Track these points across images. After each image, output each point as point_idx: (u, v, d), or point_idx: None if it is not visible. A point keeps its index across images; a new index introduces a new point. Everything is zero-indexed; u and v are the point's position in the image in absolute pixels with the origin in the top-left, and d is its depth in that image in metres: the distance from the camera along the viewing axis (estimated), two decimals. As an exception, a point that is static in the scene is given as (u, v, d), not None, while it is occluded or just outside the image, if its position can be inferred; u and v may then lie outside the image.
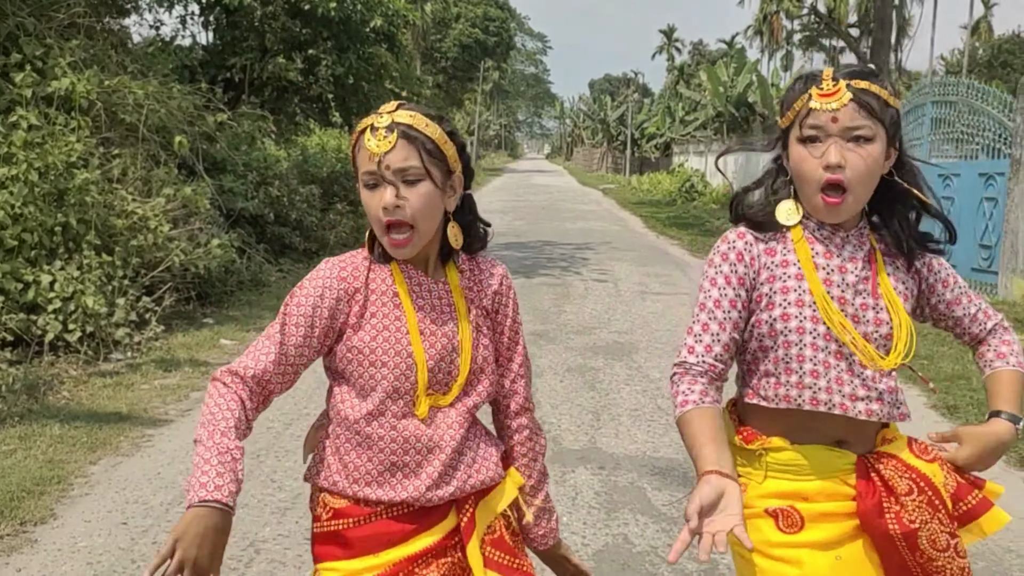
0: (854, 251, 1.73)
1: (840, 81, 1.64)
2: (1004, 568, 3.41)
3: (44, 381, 5.40)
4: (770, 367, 1.71)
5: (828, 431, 1.71)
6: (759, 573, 1.68)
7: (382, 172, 1.59)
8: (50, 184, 6.31)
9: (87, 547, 3.44)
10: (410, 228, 1.60)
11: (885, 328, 1.71)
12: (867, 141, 1.65)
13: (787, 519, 1.69)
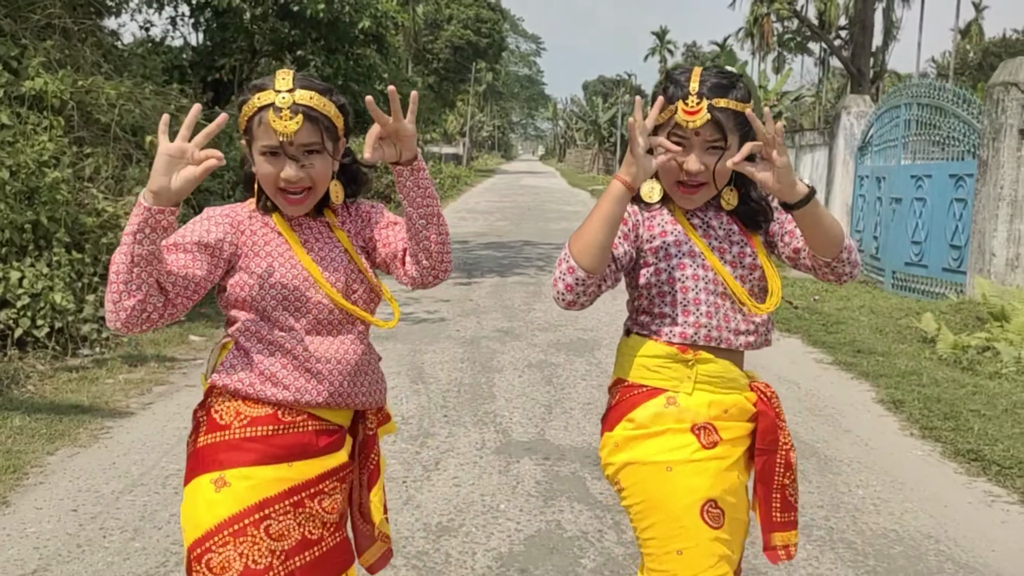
0: (717, 211, 1.96)
1: (703, 100, 1.82)
2: (920, 553, 3.53)
3: (9, 375, 5.50)
4: (667, 310, 1.91)
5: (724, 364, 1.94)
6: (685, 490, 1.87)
7: (286, 148, 1.78)
8: (21, 182, 6.40)
9: (36, 532, 3.55)
10: (308, 190, 1.80)
11: (759, 272, 1.93)
12: (721, 151, 1.86)
13: (708, 436, 1.89)
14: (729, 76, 1.89)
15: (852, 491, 4.17)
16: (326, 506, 1.83)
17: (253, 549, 1.74)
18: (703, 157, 1.85)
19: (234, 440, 1.79)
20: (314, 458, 1.83)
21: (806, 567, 3.37)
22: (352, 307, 1.85)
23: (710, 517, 1.85)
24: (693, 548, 1.84)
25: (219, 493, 1.75)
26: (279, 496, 1.78)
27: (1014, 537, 3.71)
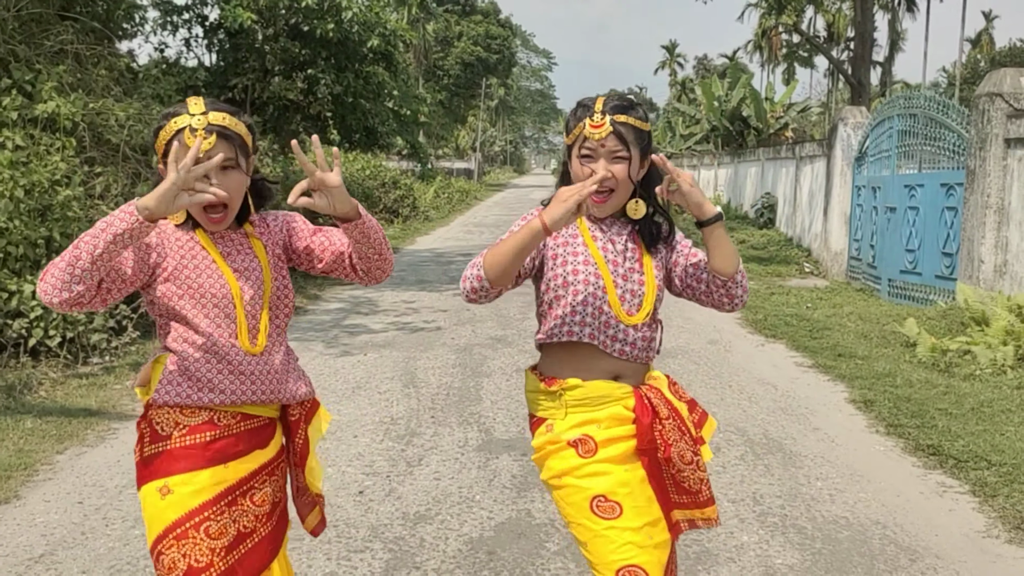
0: (620, 229, 2.22)
1: (606, 116, 2.11)
2: (866, 537, 3.76)
3: (22, 382, 5.82)
4: (559, 311, 2.16)
5: (605, 368, 2.17)
6: (575, 492, 2.12)
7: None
8: (35, 200, 6.75)
9: (44, 522, 3.84)
10: (224, 207, 2.01)
11: (640, 289, 2.18)
12: (624, 159, 2.12)
13: (584, 446, 2.13)
14: (628, 99, 2.19)
15: (811, 483, 4.40)
16: (257, 500, 2.07)
17: (195, 549, 1.97)
18: (609, 166, 2.12)
19: (175, 449, 2.00)
20: (247, 455, 2.06)
21: (755, 549, 3.61)
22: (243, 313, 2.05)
23: (601, 510, 2.09)
24: (593, 540, 2.09)
25: (164, 500, 1.99)
26: (216, 498, 2.00)
27: (957, 523, 3.93)
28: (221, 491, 2.01)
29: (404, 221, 21.69)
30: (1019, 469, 4.50)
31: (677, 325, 8.73)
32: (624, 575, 2.05)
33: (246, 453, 2.06)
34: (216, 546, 1.99)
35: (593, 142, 2.12)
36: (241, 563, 2.02)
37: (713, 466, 4.63)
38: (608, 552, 2.07)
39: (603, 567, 2.08)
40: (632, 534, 2.08)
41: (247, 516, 2.05)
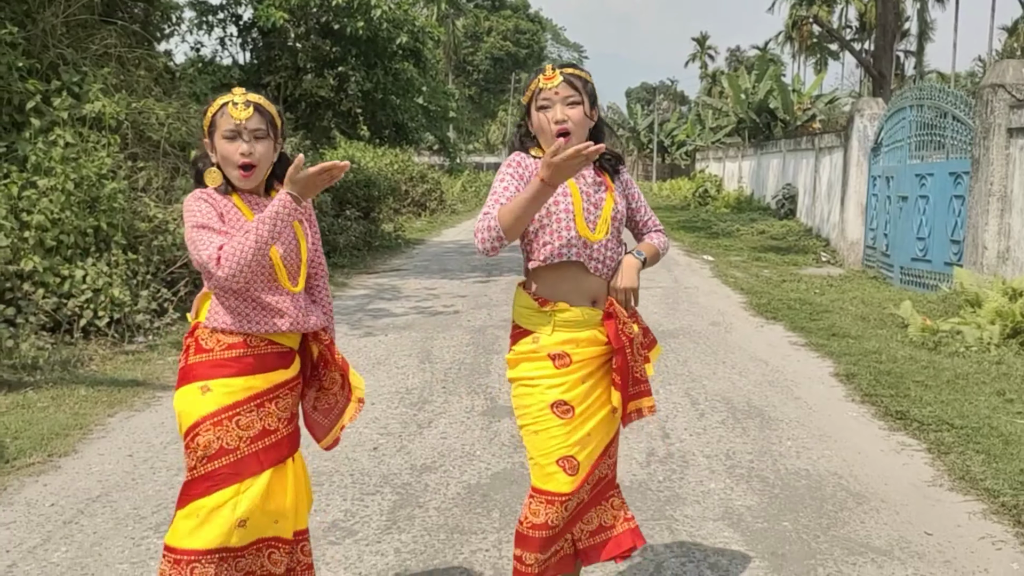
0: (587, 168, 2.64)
1: (556, 69, 2.59)
2: (821, 485, 4.20)
3: (75, 357, 6.43)
4: (547, 238, 2.61)
5: (587, 288, 2.63)
6: (540, 394, 2.62)
7: (240, 131, 2.46)
8: (84, 193, 7.35)
9: (99, 471, 4.40)
10: (254, 167, 2.50)
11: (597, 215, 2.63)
12: (577, 104, 2.58)
13: (561, 360, 2.63)
14: (571, 62, 2.68)
15: (782, 442, 4.84)
16: (280, 406, 2.55)
17: (227, 435, 2.47)
18: (565, 110, 2.57)
19: (215, 360, 2.50)
20: (272, 371, 2.54)
21: (720, 495, 4.07)
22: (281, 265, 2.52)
23: (559, 411, 2.59)
24: (544, 432, 2.59)
25: (204, 396, 2.48)
26: (247, 399, 2.49)
27: (908, 475, 4.35)
28: (251, 395, 2.50)
29: (431, 214, 22.25)
30: (978, 432, 4.89)
31: (684, 308, 9.16)
32: (562, 463, 2.57)
33: (272, 370, 2.54)
34: (244, 435, 2.48)
35: (548, 92, 2.56)
36: (264, 452, 2.51)
37: (695, 427, 5.10)
38: (552, 445, 2.58)
39: (543, 457, 2.59)
40: (574, 433, 2.59)
41: (271, 417, 2.53)
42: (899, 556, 3.46)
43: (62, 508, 3.92)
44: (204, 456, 2.46)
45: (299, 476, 2.64)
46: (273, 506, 2.54)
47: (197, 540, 2.43)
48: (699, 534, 3.65)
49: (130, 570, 3.33)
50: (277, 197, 2.37)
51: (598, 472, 2.71)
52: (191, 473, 2.48)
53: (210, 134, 2.51)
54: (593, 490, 2.72)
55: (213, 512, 2.45)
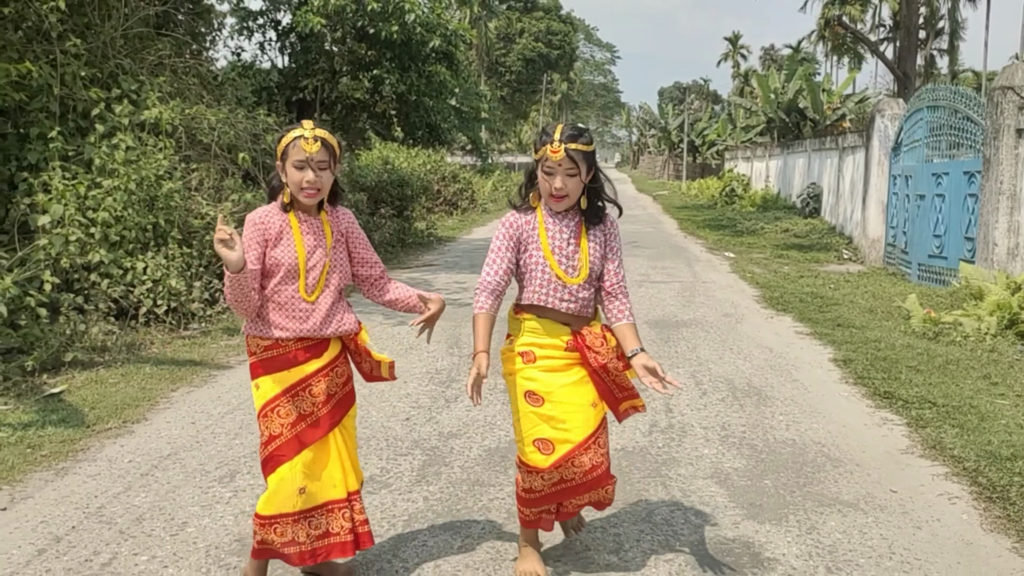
0: (568, 223, 3.21)
1: (561, 144, 3.09)
2: (804, 451, 4.70)
3: (138, 341, 7.10)
4: (527, 284, 3.21)
5: (559, 319, 3.20)
6: (515, 386, 3.21)
7: (309, 161, 2.98)
8: (143, 192, 8.04)
9: (167, 435, 5.03)
10: (318, 191, 3.05)
11: (576, 260, 3.19)
12: (574, 175, 3.13)
13: (527, 356, 3.19)
14: (578, 128, 3.18)
15: (775, 417, 5.34)
16: (315, 392, 3.04)
17: (272, 424, 3.02)
18: (564, 180, 3.11)
19: (259, 360, 3.06)
20: (304, 364, 3.04)
21: (711, 459, 4.59)
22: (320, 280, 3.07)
23: (530, 400, 3.16)
24: (521, 418, 3.18)
25: (257, 392, 3.06)
26: (282, 392, 3.02)
27: (884, 445, 4.84)
28: (285, 388, 3.03)
29: (463, 213, 22.86)
30: (958, 409, 5.35)
31: (699, 301, 9.65)
32: (537, 444, 3.12)
33: (304, 363, 3.05)
34: (285, 422, 3.02)
35: (552, 163, 3.11)
36: (303, 433, 3.03)
37: (696, 404, 5.61)
38: (528, 428, 3.15)
39: (522, 440, 3.17)
40: (547, 421, 3.12)
41: (306, 403, 3.03)
42: (863, 508, 3.96)
43: (138, 464, 4.54)
44: (264, 440, 3.05)
45: (342, 446, 3.13)
46: (323, 473, 3.06)
47: (271, 507, 3.02)
48: (689, 489, 4.17)
49: (200, 512, 3.93)
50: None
51: (588, 459, 3.14)
52: (262, 454, 3.07)
53: (282, 159, 3.00)
54: (586, 476, 3.17)
55: (279, 485, 3.02)
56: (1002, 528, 3.73)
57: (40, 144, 8.03)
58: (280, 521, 3.02)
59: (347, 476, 3.14)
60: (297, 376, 3.05)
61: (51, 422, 5.11)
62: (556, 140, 3.09)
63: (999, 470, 4.29)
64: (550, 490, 3.19)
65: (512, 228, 3.21)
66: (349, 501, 3.13)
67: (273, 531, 3.02)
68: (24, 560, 3.43)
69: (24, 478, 4.30)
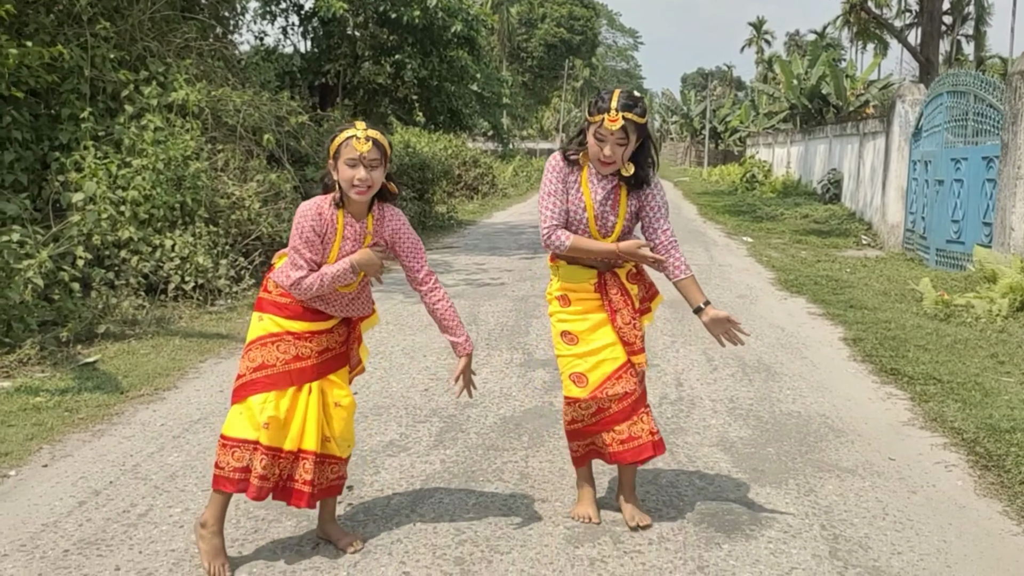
0: (607, 183, 3.37)
1: (619, 113, 3.22)
2: (808, 423, 4.85)
3: (167, 316, 7.35)
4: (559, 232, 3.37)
5: (588, 264, 3.42)
6: (554, 326, 3.49)
7: (361, 160, 3.05)
8: (171, 172, 8.27)
9: (197, 402, 5.27)
10: (368, 188, 3.10)
11: (613, 221, 3.36)
12: (624, 145, 3.27)
13: (563, 301, 3.46)
14: (634, 98, 3.29)
15: (782, 391, 5.50)
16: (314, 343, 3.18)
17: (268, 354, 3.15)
18: (614, 148, 3.25)
19: (272, 300, 3.21)
20: (310, 322, 3.18)
21: (718, 429, 4.76)
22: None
23: (566, 339, 3.41)
24: (559, 356, 3.44)
25: (259, 323, 3.22)
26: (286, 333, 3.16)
27: (887, 417, 4.98)
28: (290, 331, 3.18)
29: (483, 197, 23.04)
30: (962, 386, 5.48)
31: (715, 283, 9.78)
32: (573, 378, 3.38)
33: (311, 321, 3.20)
34: (281, 357, 3.15)
35: (605, 130, 3.23)
36: (295, 372, 3.15)
37: (706, 379, 5.78)
38: (565, 365, 3.41)
39: (563, 373, 3.43)
40: (580, 357, 3.38)
41: (304, 348, 3.18)
42: (861, 474, 4.11)
43: (171, 427, 4.78)
44: (252, 367, 3.18)
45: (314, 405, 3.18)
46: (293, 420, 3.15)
47: (234, 430, 3.15)
48: (695, 455, 4.35)
49: (229, 470, 4.15)
50: (342, 263, 3.12)
51: (620, 388, 3.37)
52: (240, 379, 3.20)
53: (334, 157, 3.10)
54: (620, 403, 3.40)
55: (248, 410, 3.14)
56: (995, 493, 3.88)
57: (71, 124, 8.29)
58: (240, 447, 3.13)
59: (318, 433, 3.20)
60: (302, 328, 3.20)
61: (87, 388, 5.36)
62: (613, 109, 3.19)
63: (997, 441, 4.43)
64: (590, 420, 3.45)
65: (560, 172, 3.38)
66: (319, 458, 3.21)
67: (231, 455, 3.13)
68: (66, 510, 3.66)
69: (63, 438, 4.54)
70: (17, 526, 3.50)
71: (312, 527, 3.48)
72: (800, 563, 3.21)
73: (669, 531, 3.48)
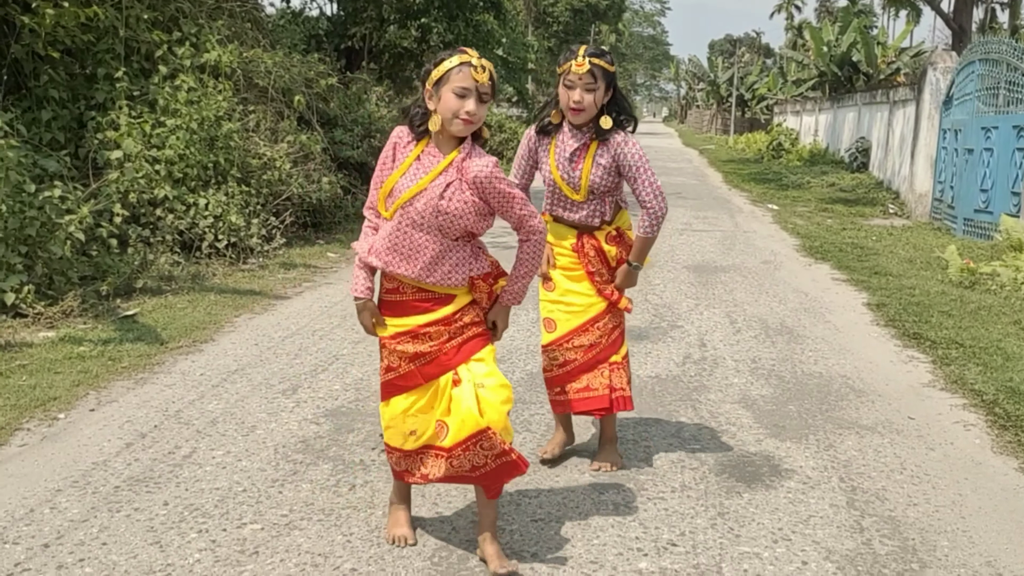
0: (578, 139, 3.50)
1: (586, 58, 3.34)
2: (829, 383, 4.94)
3: (202, 273, 7.54)
4: (545, 194, 3.55)
5: (566, 223, 3.60)
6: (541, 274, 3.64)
7: (476, 91, 2.75)
8: (205, 132, 8.41)
9: (234, 354, 5.44)
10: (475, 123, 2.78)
11: (576, 177, 3.49)
12: (593, 90, 3.39)
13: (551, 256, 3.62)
14: (602, 50, 3.45)
15: (804, 353, 5.58)
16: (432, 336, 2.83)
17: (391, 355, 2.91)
18: (583, 94, 3.38)
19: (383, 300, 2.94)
20: (419, 315, 2.85)
21: (740, 387, 4.87)
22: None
23: (545, 285, 3.72)
24: (541, 302, 3.71)
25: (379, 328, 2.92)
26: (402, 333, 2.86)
27: (908, 379, 5.06)
28: (404, 330, 2.88)
29: (508, 162, 23.07)
30: (984, 350, 5.54)
31: (739, 249, 9.83)
32: (545, 322, 3.69)
33: (420, 314, 2.86)
34: (404, 355, 2.87)
35: (574, 76, 3.37)
36: (420, 368, 2.85)
37: (730, 340, 5.87)
38: (543, 310, 3.70)
39: (540, 320, 3.69)
40: (554, 303, 3.64)
41: (424, 344, 2.85)
42: (880, 431, 4.21)
43: (209, 376, 4.95)
44: (382, 368, 2.96)
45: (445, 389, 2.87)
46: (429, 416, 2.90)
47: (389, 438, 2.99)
48: (717, 411, 4.46)
49: (267, 418, 4.32)
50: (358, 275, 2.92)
51: (586, 339, 3.59)
52: (382, 378, 2.98)
53: (437, 85, 2.77)
54: (586, 354, 3.62)
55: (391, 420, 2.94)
56: (1012, 451, 3.97)
57: (107, 84, 8.42)
58: (395, 452, 3.00)
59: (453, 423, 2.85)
60: (414, 324, 2.88)
61: (128, 339, 5.55)
62: (580, 55, 3.38)
63: (1016, 403, 4.50)
64: (557, 371, 3.68)
65: (528, 140, 3.63)
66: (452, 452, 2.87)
67: (392, 458, 3.03)
68: (114, 451, 3.85)
69: (108, 385, 4.73)
70: (68, 464, 3.69)
71: (350, 463, 3.64)
72: (818, 512, 3.33)
73: (691, 480, 3.61)
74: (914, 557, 3.00)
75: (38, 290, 6.09)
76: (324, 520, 3.21)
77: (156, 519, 3.20)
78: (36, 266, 6.18)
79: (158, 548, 2.98)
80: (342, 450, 3.88)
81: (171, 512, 3.25)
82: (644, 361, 5.34)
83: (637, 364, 5.26)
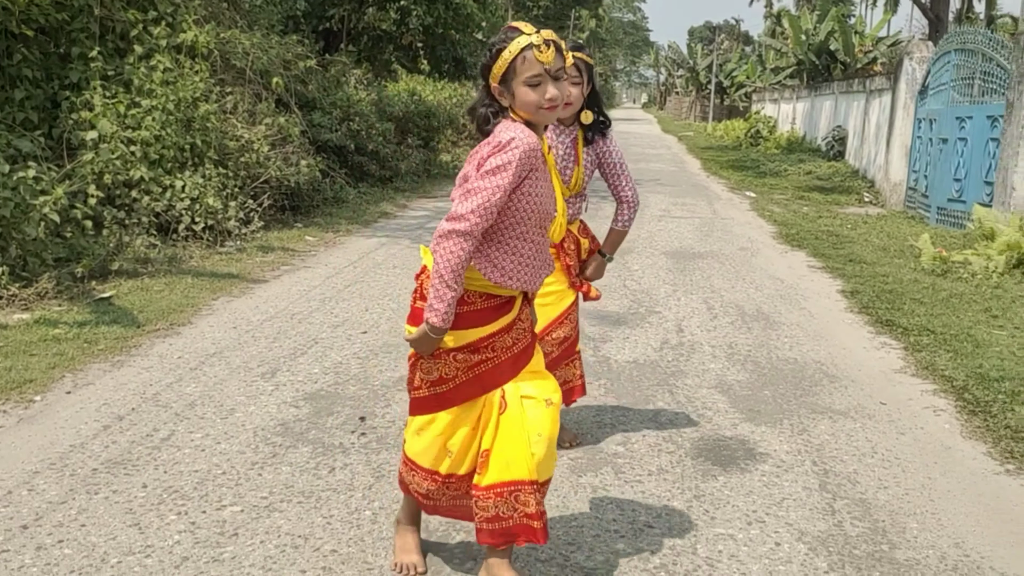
0: (566, 137, 3.55)
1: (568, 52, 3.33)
2: (803, 368, 5.02)
3: (179, 255, 7.48)
4: None
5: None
6: None
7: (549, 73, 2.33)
8: (181, 113, 8.33)
9: (211, 337, 5.42)
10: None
11: (569, 173, 3.53)
12: (578, 83, 3.42)
13: None
14: (580, 44, 3.50)
15: (780, 339, 5.66)
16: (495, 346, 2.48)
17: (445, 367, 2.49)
18: (571, 88, 3.36)
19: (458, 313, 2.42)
20: (483, 326, 2.46)
21: (716, 372, 4.93)
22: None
23: None
24: None
25: None
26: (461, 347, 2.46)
27: (880, 365, 5.15)
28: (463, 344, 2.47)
29: (487, 147, 23.00)
30: (955, 337, 5.63)
31: (716, 236, 9.90)
32: None
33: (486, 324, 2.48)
34: (461, 367, 2.48)
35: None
36: (477, 378, 2.49)
37: (707, 326, 5.93)
38: None
39: None
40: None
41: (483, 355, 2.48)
42: (852, 416, 4.29)
43: (187, 359, 4.94)
44: (427, 380, 2.53)
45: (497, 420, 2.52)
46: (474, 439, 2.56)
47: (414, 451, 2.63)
48: (693, 396, 4.52)
49: (246, 401, 4.32)
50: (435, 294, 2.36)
51: (561, 332, 3.65)
52: (416, 392, 2.58)
53: (504, 81, 2.38)
54: (560, 347, 3.66)
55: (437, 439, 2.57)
56: (980, 436, 4.06)
57: (81, 64, 8.31)
58: (419, 471, 2.63)
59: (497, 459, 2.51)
60: (475, 336, 2.48)
61: (104, 322, 5.51)
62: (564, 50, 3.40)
63: (985, 389, 4.60)
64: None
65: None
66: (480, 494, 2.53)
67: (412, 476, 2.66)
68: (92, 433, 3.84)
69: (84, 368, 4.70)
70: (46, 447, 3.67)
71: (329, 446, 3.66)
72: (791, 494, 3.39)
73: (668, 464, 3.66)
74: (884, 538, 3.07)
75: (12, 272, 6.03)
76: (304, 502, 3.22)
77: (135, 501, 3.20)
78: (10, 247, 6.11)
79: (137, 530, 2.99)
80: (321, 433, 3.89)
81: (150, 494, 3.26)
82: (622, 346, 5.38)
83: (615, 349, 5.31)
